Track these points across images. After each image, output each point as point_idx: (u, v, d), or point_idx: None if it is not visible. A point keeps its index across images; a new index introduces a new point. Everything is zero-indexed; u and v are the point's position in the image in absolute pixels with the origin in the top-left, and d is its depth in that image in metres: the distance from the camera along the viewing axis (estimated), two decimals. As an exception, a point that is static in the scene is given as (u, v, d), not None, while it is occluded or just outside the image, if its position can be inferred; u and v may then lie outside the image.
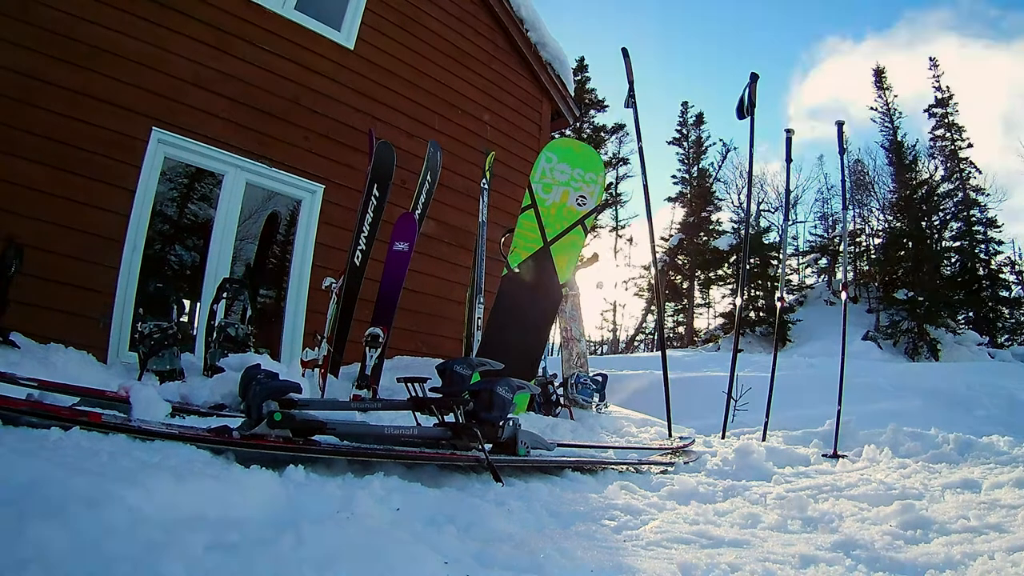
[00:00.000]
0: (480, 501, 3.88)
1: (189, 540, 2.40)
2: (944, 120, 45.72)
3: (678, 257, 48.74)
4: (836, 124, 10.15)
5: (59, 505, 2.40)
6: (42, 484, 2.61)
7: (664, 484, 5.18)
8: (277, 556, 2.45)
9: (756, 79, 9.60)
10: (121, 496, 2.59)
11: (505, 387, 5.06)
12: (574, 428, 8.17)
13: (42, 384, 4.71)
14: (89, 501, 2.47)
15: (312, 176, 10.10)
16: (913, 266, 40.07)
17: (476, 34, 12.54)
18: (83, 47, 8.29)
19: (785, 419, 9.46)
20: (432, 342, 10.78)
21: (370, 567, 2.46)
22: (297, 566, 2.38)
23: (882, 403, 12.51)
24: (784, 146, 10.07)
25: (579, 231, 9.04)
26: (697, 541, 3.51)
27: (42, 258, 7.45)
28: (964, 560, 3.35)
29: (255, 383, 4.28)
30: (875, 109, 47.04)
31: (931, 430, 8.56)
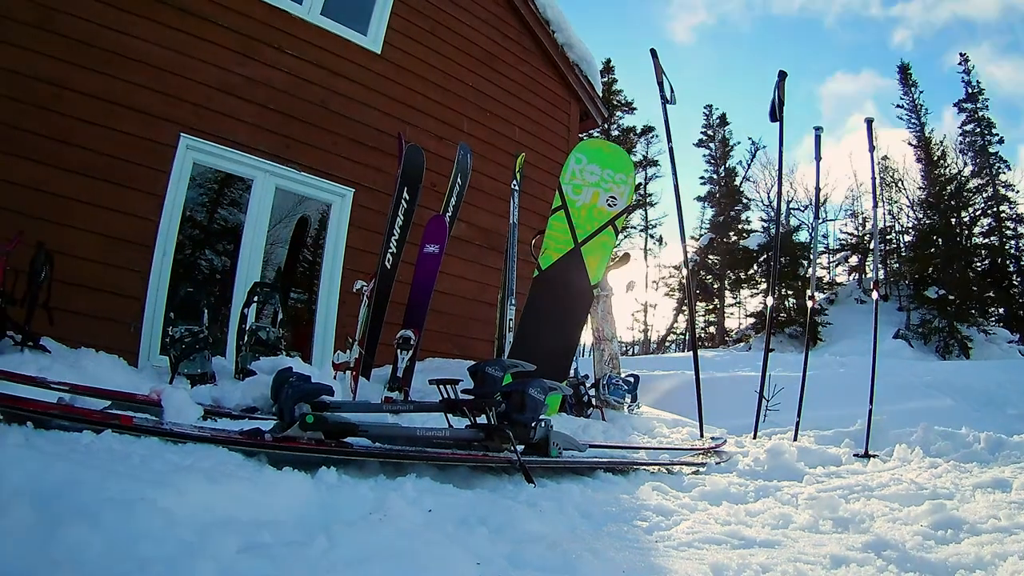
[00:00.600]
0: (512, 502, 3.88)
1: (222, 542, 2.40)
2: (974, 115, 45.35)
3: (708, 257, 48.58)
4: (866, 121, 10.02)
5: (92, 507, 2.40)
6: (74, 487, 2.61)
7: (696, 485, 5.15)
8: (310, 558, 2.45)
9: (784, 77, 9.47)
10: (153, 498, 2.59)
11: (537, 388, 5.05)
12: (606, 429, 8.14)
13: (73, 388, 4.72)
14: (122, 503, 2.47)
15: (342, 180, 10.11)
16: (943, 263, 39.77)
17: (503, 37, 12.52)
18: (107, 55, 8.34)
19: (816, 419, 9.38)
20: (463, 344, 10.76)
21: (403, 568, 2.46)
22: (330, 568, 2.39)
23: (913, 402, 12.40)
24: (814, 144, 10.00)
25: (610, 232, 9.00)
26: (728, 542, 3.48)
27: (72, 264, 7.47)
28: (994, 560, 3.30)
29: (287, 386, 4.29)
30: (901, 106, 46.77)
31: (962, 429, 8.49)
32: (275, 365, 5.76)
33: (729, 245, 47.15)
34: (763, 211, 47.96)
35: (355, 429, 4.29)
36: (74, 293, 7.47)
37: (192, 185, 9.63)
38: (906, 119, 46.46)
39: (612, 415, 8.93)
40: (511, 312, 9.42)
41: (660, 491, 4.82)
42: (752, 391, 9.54)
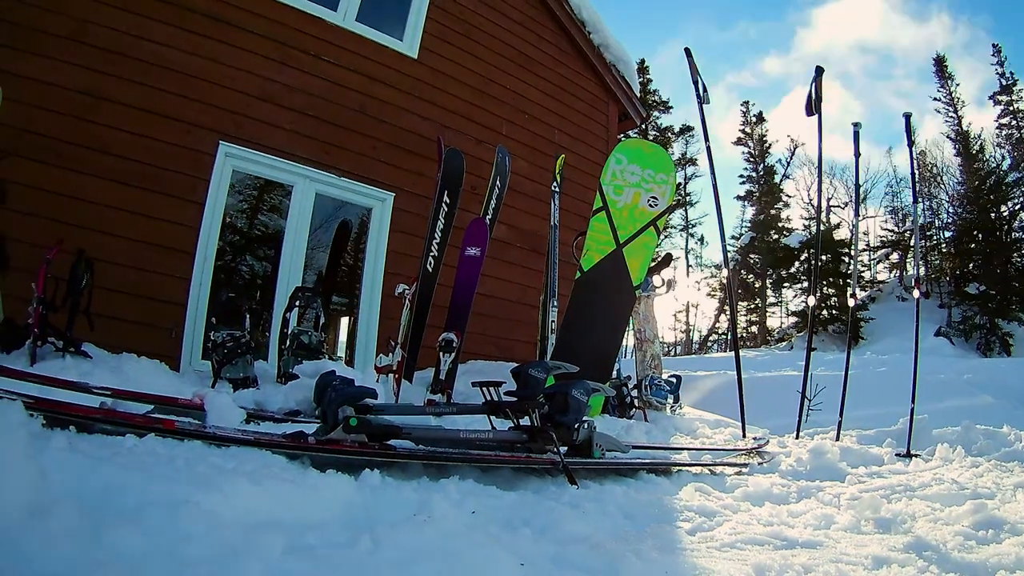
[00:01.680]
0: (555, 504, 3.87)
1: (267, 543, 2.40)
2: (1009, 107, 44.85)
3: (749, 256, 48.36)
4: (904, 116, 9.89)
5: (136, 509, 2.42)
6: (119, 489, 2.62)
7: (738, 485, 5.11)
8: (355, 559, 2.45)
9: (821, 72, 9.37)
10: (198, 500, 2.60)
11: (580, 390, 5.03)
12: (648, 430, 8.09)
13: (115, 392, 4.73)
14: (167, 505, 2.48)
15: (382, 184, 10.14)
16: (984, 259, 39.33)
17: (539, 39, 12.50)
18: (143, 65, 8.45)
19: (858, 418, 9.32)
20: (506, 346, 10.76)
21: (448, 569, 2.45)
22: (375, 569, 2.39)
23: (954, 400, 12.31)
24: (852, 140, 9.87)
25: (651, 232, 8.93)
26: (771, 542, 3.45)
27: (113, 271, 7.55)
28: (1035, 561, 3.26)
29: (331, 389, 4.30)
30: (938, 99, 46.29)
31: (1003, 427, 8.43)
32: (318, 369, 5.76)
33: (770, 243, 46.86)
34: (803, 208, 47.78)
35: (398, 432, 4.29)
36: (116, 299, 7.53)
37: (232, 192, 9.70)
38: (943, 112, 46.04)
39: (654, 416, 8.89)
40: (553, 314, 9.38)
41: (703, 492, 4.79)
42: (794, 391, 9.47)
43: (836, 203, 44.79)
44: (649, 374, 9.89)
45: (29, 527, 2.04)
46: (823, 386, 9.92)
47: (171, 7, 8.72)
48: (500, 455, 4.67)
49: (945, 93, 46.05)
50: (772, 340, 44.52)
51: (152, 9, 8.60)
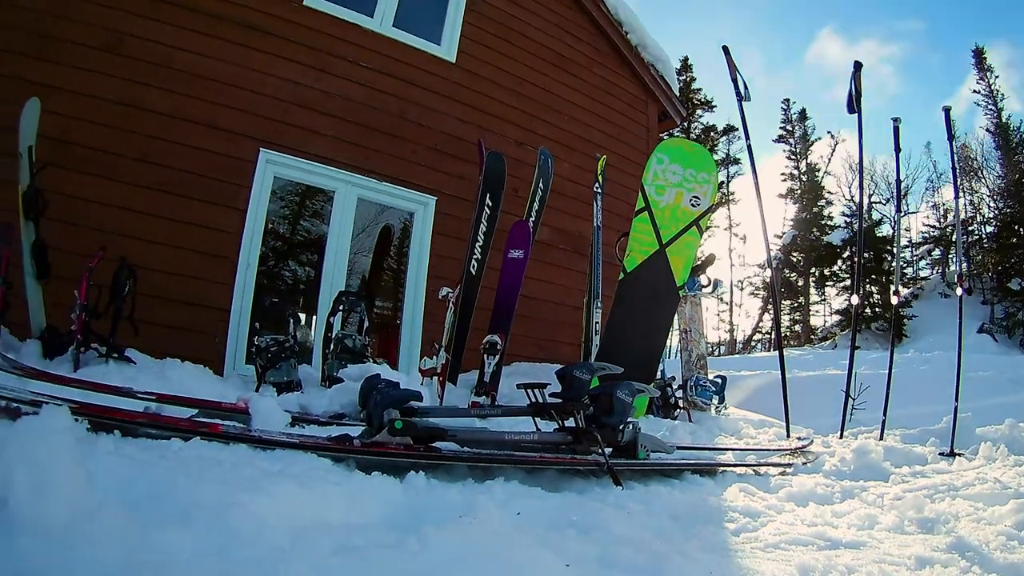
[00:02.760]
0: (600, 505, 3.86)
1: (314, 544, 2.43)
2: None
3: (792, 254, 48.03)
4: (943, 110, 9.75)
5: (183, 512, 2.43)
6: (165, 492, 2.65)
7: (783, 486, 5.08)
8: (402, 560, 2.44)
9: (860, 67, 9.27)
10: (245, 503, 2.61)
11: (625, 391, 5.00)
12: (693, 431, 8.06)
13: (160, 397, 4.79)
14: (213, 507, 2.50)
15: (423, 188, 10.16)
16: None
17: (577, 40, 12.46)
18: (181, 75, 8.59)
19: (902, 417, 9.21)
20: (550, 347, 10.73)
21: (495, 570, 2.44)
22: (422, 570, 2.39)
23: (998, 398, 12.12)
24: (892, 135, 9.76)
25: (694, 232, 8.88)
26: (815, 543, 3.43)
27: (156, 278, 7.65)
28: (1078, 562, 3.21)
29: (376, 392, 4.30)
30: (977, 92, 45.67)
31: (1047, 425, 8.28)
32: (363, 372, 5.78)
33: (813, 242, 46.51)
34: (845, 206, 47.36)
35: (444, 434, 4.29)
36: (159, 306, 7.62)
37: (273, 198, 9.77)
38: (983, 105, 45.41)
39: (699, 416, 8.86)
40: (597, 315, 9.35)
41: (747, 492, 4.77)
42: (838, 390, 9.39)
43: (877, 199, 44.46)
44: (694, 374, 9.86)
45: (77, 529, 2.05)
46: (867, 385, 9.82)
47: (207, 18, 8.85)
48: (545, 456, 4.67)
49: (984, 85, 45.47)
50: (816, 339, 44.14)
51: (188, 20, 8.73)
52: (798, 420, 8.67)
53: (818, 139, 52.58)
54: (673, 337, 10.48)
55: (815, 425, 9.08)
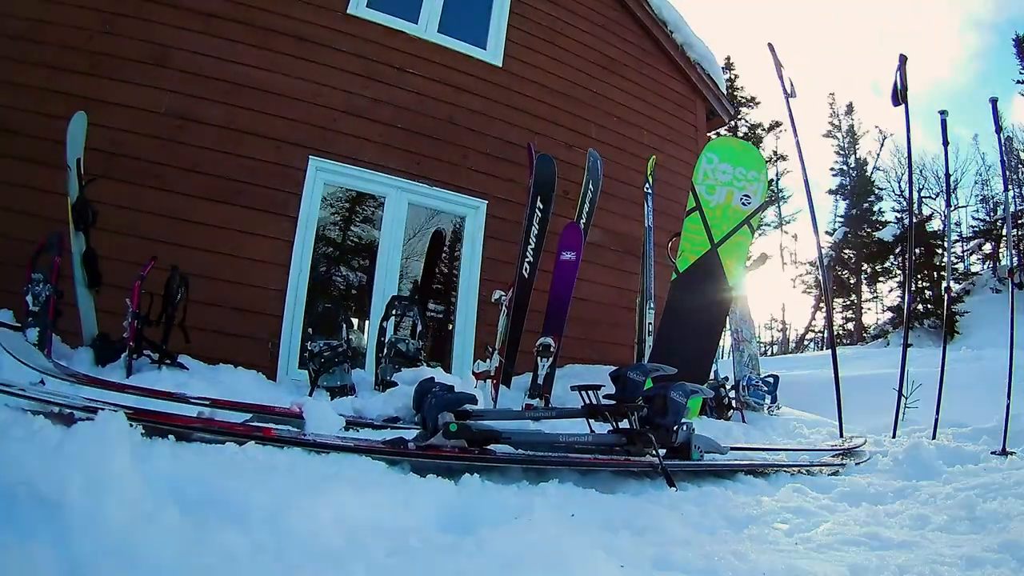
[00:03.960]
0: (654, 506, 3.86)
1: (370, 546, 2.44)
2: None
3: (843, 251, 47.60)
4: (990, 101, 9.62)
5: (240, 514, 2.47)
6: (222, 495, 2.67)
7: (835, 486, 5.05)
8: (458, 561, 2.46)
9: (905, 61, 9.18)
10: (301, 505, 2.64)
11: (679, 392, 5.00)
12: (746, 431, 8.05)
13: (213, 402, 4.84)
14: (269, 510, 2.53)
15: (474, 192, 10.18)
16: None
17: (623, 41, 12.43)
18: (228, 85, 8.73)
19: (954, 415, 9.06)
20: (603, 349, 10.65)
21: (549, 571, 2.45)
22: (478, 571, 2.40)
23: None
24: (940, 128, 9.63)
25: (746, 231, 8.86)
26: (867, 543, 3.40)
27: (209, 285, 7.75)
28: None
29: (430, 395, 4.33)
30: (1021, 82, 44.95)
31: (1101, 421, 8.15)
32: (417, 376, 5.79)
33: (863, 238, 46.08)
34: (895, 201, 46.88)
35: (498, 436, 4.30)
36: (212, 312, 7.74)
37: (324, 205, 9.85)
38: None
39: (752, 416, 8.84)
40: (650, 316, 9.32)
41: (800, 493, 4.75)
42: (891, 388, 9.30)
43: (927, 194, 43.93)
44: (746, 374, 9.84)
45: (133, 531, 2.07)
46: (919, 383, 9.71)
47: (254, 29, 8.99)
48: (599, 458, 4.67)
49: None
50: (868, 337, 43.72)
51: (235, 32, 8.87)
52: (851, 419, 8.61)
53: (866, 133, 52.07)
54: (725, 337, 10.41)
55: (868, 424, 9.02)
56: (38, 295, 6.24)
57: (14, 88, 8.00)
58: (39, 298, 6.25)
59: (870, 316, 48.17)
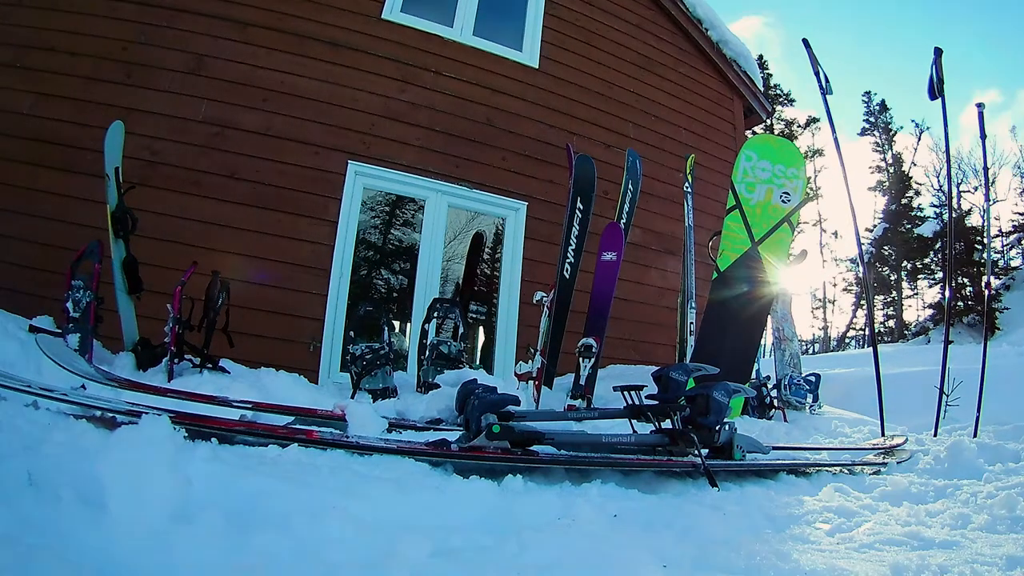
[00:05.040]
0: (696, 506, 3.85)
1: (414, 547, 2.43)
2: None
3: (883, 248, 47.24)
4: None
5: (282, 516, 2.48)
6: (264, 497, 2.70)
7: (877, 485, 5.01)
8: (502, 562, 2.47)
9: (940, 54, 9.08)
10: (344, 507, 2.66)
11: (721, 391, 4.98)
12: (788, 430, 8.01)
13: (255, 405, 4.88)
14: (312, 512, 2.55)
15: (514, 194, 10.20)
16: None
17: (658, 39, 12.41)
18: (265, 92, 8.88)
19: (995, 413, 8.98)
20: (645, 349, 10.68)
21: (592, 571, 2.47)
22: (522, 571, 2.40)
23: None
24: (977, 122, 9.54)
25: (786, 228, 8.80)
26: (908, 543, 3.37)
27: (250, 290, 7.91)
28: None
29: (474, 397, 4.32)
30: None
31: None
32: (459, 378, 5.81)
33: (903, 234, 45.72)
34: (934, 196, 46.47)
35: (542, 437, 4.29)
36: (253, 317, 7.84)
37: (364, 209, 9.90)
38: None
39: (794, 416, 8.79)
40: (692, 315, 9.31)
41: (842, 492, 4.71)
42: (931, 386, 9.24)
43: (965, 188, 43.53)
44: (788, 373, 9.79)
45: (177, 532, 2.10)
46: (960, 381, 9.63)
47: (290, 37, 9.12)
48: (641, 458, 4.64)
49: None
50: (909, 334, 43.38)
51: (270, 40, 9.01)
52: (892, 417, 8.54)
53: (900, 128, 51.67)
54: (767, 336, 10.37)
55: (909, 422, 8.95)
56: (79, 301, 6.33)
57: (51, 100, 8.20)
58: (80, 304, 6.34)
59: (911, 313, 47.89)
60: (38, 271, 7.53)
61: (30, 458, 2.54)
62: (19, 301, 7.00)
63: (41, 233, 7.76)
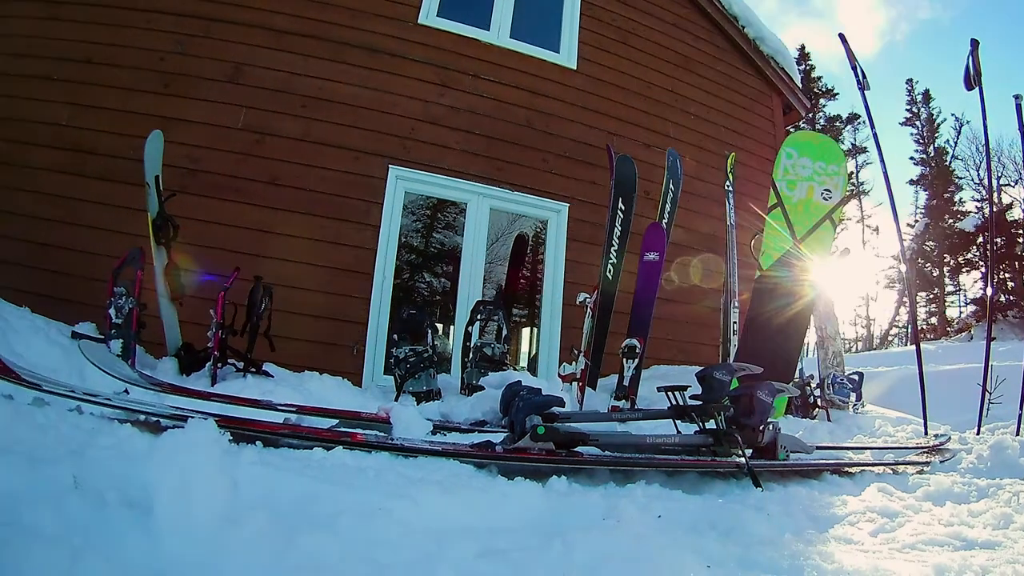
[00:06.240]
0: (740, 507, 3.84)
1: (460, 548, 2.46)
2: None
3: (926, 243, 46.74)
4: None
5: (329, 517, 2.51)
6: (311, 499, 2.73)
7: (920, 485, 4.98)
8: (547, 562, 2.48)
9: (977, 46, 9.02)
10: (390, 508, 2.69)
11: (765, 391, 4.98)
12: (831, 430, 7.97)
13: (299, 409, 4.92)
14: (358, 513, 2.57)
15: (555, 196, 10.20)
16: None
17: (695, 38, 12.38)
18: (304, 99, 8.97)
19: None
20: (688, 349, 10.64)
21: (637, 571, 2.48)
22: (567, 571, 2.41)
23: None
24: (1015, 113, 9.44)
25: (828, 226, 8.75)
26: (951, 543, 3.35)
27: (293, 295, 7.95)
28: None
29: (518, 399, 4.35)
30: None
31: None
32: (503, 379, 5.80)
33: (945, 229, 45.20)
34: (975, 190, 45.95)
35: (586, 438, 4.29)
36: (296, 321, 7.92)
37: (405, 212, 9.92)
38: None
39: (837, 415, 8.73)
40: (735, 315, 9.30)
41: (885, 492, 4.69)
42: (975, 384, 9.16)
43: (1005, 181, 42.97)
44: (831, 372, 9.74)
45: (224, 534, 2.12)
46: (1003, 378, 9.53)
47: (326, 43, 9.19)
48: (685, 459, 4.65)
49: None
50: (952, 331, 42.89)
51: (307, 47, 9.10)
52: (935, 415, 8.48)
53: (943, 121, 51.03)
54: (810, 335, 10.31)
55: (952, 421, 8.89)
56: (121, 308, 6.45)
57: (90, 111, 8.36)
58: (122, 310, 6.45)
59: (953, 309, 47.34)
60: (79, 279, 7.66)
61: (75, 462, 2.58)
62: (61, 309, 7.11)
63: (81, 241, 7.89)
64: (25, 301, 6.95)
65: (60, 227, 7.96)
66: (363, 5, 9.54)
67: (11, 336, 5.68)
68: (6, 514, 2.04)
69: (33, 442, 2.94)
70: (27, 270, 7.78)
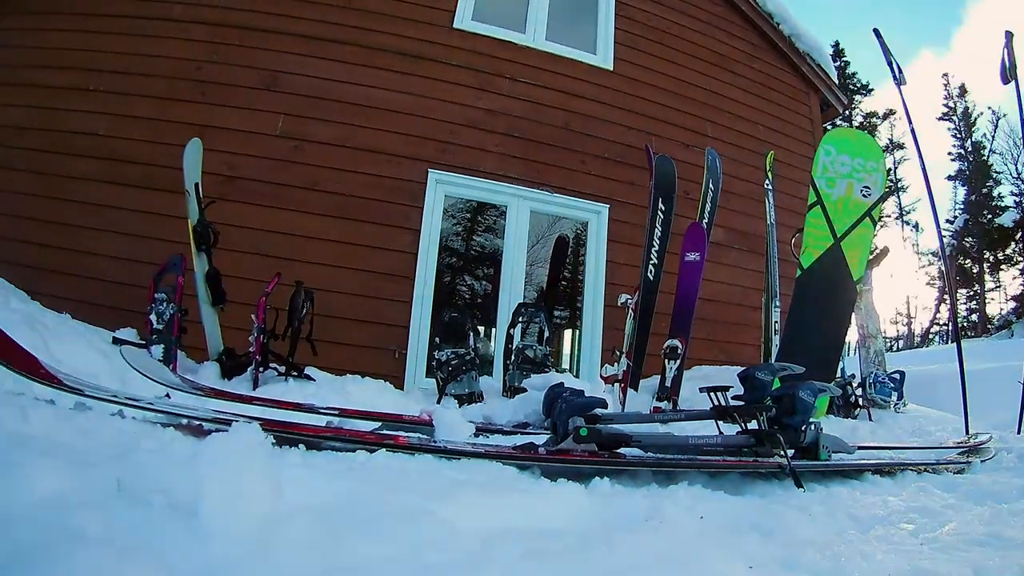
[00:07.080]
0: (782, 507, 3.83)
1: (505, 549, 2.45)
2: None
3: (965, 239, 46.29)
4: None
5: (374, 519, 2.50)
6: (355, 501, 2.70)
7: (960, 484, 4.94)
8: (592, 563, 2.47)
9: (1011, 37, 8.91)
10: (435, 510, 2.67)
11: (807, 391, 4.95)
12: (873, 429, 7.94)
13: (342, 412, 4.94)
14: (403, 516, 2.56)
15: (595, 197, 10.21)
16: None
17: (730, 36, 12.35)
18: (340, 105, 9.10)
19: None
20: (731, 349, 10.62)
21: (681, 572, 2.46)
22: (612, 572, 2.40)
23: None
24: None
25: (867, 223, 8.69)
26: (990, 543, 3.31)
27: (334, 299, 8.02)
28: None
29: (561, 400, 4.36)
30: None
31: None
32: (546, 381, 5.79)
33: (984, 225, 44.76)
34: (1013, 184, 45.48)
35: (628, 440, 4.30)
36: (338, 325, 7.97)
37: (445, 216, 9.96)
38: None
39: (878, 414, 8.69)
40: (776, 314, 9.28)
41: (925, 492, 4.65)
42: (1015, 382, 9.08)
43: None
44: (873, 371, 9.69)
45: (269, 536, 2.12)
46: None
47: (361, 49, 9.29)
48: (727, 460, 4.61)
49: None
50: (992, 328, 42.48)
51: (342, 53, 9.20)
52: (976, 414, 8.39)
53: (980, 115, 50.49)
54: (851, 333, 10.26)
55: (993, 419, 8.84)
56: (162, 313, 6.55)
57: (126, 120, 8.55)
58: (163, 316, 6.55)
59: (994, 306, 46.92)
60: (120, 285, 7.80)
61: (119, 465, 2.57)
62: (102, 315, 7.24)
63: (121, 249, 8.04)
64: (66, 308, 7.09)
65: (99, 235, 8.12)
66: (397, 11, 9.62)
67: (52, 342, 5.69)
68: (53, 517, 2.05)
69: (76, 446, 2.94)
70: (68, 277, 7.92)
